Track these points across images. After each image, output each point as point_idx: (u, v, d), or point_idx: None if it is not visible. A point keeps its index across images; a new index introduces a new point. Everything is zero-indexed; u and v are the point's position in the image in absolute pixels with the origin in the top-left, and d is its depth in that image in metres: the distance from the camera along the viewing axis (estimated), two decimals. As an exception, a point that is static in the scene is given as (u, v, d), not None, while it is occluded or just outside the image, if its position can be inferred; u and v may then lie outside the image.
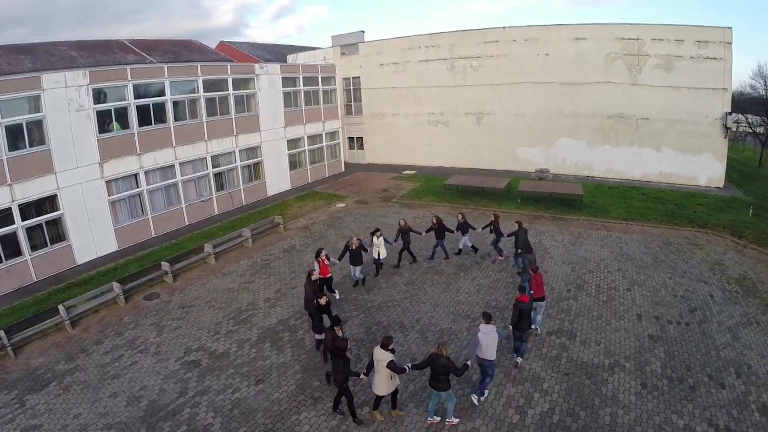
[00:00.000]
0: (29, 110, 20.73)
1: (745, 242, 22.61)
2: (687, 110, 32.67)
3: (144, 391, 12.93)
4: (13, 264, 20.31)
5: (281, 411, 12.00)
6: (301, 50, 58.89)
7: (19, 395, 13.08)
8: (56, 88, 21.46)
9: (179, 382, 13.23)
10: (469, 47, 38.39)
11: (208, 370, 13.71)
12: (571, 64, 35.20)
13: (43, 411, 12.42)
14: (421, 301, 17.15)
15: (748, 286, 18.06)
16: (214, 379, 13.29)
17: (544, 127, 37.04)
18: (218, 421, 11.75)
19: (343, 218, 27.82)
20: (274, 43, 77.13)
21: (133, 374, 13.69)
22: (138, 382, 13.31)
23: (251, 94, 31.84)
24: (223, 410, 12.11)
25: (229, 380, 13.24)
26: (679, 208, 27.69)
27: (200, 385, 13.06)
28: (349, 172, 41.79)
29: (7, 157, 19.82)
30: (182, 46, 53.31)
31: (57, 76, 21.83)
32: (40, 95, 20.90)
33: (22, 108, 20.48)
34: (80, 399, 12.80)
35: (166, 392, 12.85)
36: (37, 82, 20.88)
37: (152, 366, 14.06)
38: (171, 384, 13.18)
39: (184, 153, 27.39)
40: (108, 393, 12.93)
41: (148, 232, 25.95)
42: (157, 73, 26.32)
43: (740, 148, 62.65)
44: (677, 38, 32.01)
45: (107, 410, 12.29)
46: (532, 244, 19.73)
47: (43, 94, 20.96)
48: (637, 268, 19.65)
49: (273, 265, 21.41)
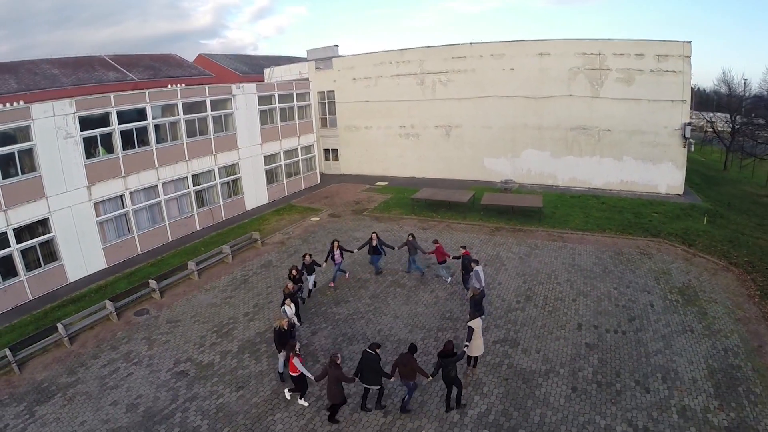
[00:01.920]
0: (20, 140, 22.55)
1: (695, 251, 24.96)
2: (647, 121, 35.37)
3: (140, 399, 15.16)
4: (10, 284, 22.25)
5: (259, 413, 14.32)
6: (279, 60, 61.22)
7: (28, 407, 15.17)
8: (45, 118, 23.24)
9: (171, 391, 15.48)
10: (437, 62, 40.94)
11: (196, 379, 15.98)
12: (536, 79, 37.87)
13: (51, 420, 14.53)
14: (383, 313, 19.55)
15: (689, 294, 20.33)
16: (201, 387, 15.57)
17: (510, 139, 39.76)
18: (205, 423, 14.03)
19: (316, 233, 30.15)
20: (251, 54, 79.06)
21: (129, 384, 15.91)
22: (134, 391, 15.54)
23: (229, 114, 33.89)
24: (210, 414, 14.38)
25: (214, 387, 15.53)
26: (636, 217, 30.29)
27: (189, 393, 15.32)
28: (324, 183, 44.14)
29: (0, 185, 21.73)
30: (162, 61, 55.45)
31: (45, 106, 23.59)
32: (30, 125, 22.69)
33: (13, 138, 22.34)
34: (84, 408, 14.97)
35: (160, 399, 15.10)
36: (27, 113, 22.68)
37: (146, 377, 16.29)
38: (163, 392, 15.43)
39: (166, 173, 29.49)
40: (108, 402, 15.13)
41: (135, 250, 28.04)
42: (139, 99, 28.16)
43: (709, 150, 65.96)
44: (638, 53, 34.63)
45: (109, 417, 14.49)
46: (490, 256, 22.48)
47: (33, 124, 22.74)
48: (586, 279, 21.98)
49: (251, 280, 23.69)
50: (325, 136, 47.61)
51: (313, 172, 43.76)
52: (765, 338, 17.02)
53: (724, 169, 53.95)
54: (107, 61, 48.68)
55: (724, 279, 21.84)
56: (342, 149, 47.67)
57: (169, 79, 46.11)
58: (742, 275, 22.16)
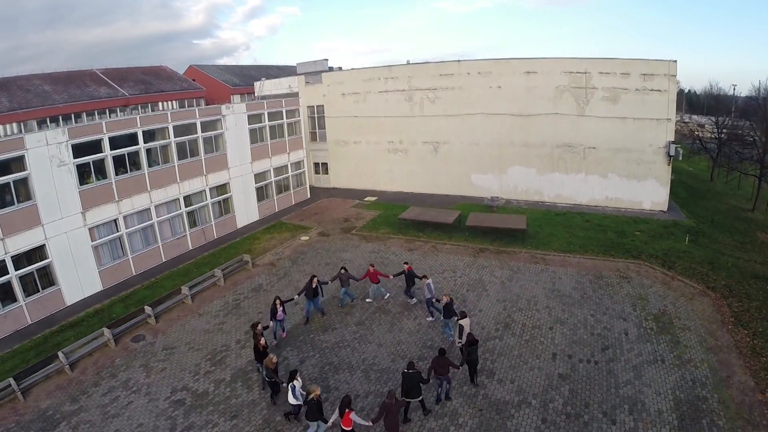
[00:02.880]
0: (15, 169, 23.85)
1: (674, 274, 26.47)
2: (632, 139, 37.12)
3: (140, 428, 16.69)
4: (10, 310, 23.77)
5: (252, 441, 15.96)
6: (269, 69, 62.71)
7: (35, 434, 16.76)
8: (38, 147, 24.58)
9: (169, 419, 17.05)
10: (425, 79, 42.67)
11: (192, 408, 17.56)
12: (523, 97, 39.62)
13: (58, 447, 16.15)
14: (368, 341, 21.14)
15: (664, 322, 21.73)
16: (197, 416, 17.14)
17: (497, 156, 41.53)
18: (202, 451, 15.67)
19: (306, 253, 31.75)
20: (242, 65, 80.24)
21: (130, 413, 17.46)
22: (135, 420, 17.09)
23: (219, 135, 35.40)
24: (206, 442, 16.02)
25: (209, 416, 17.10)
26: (618, 236, 31.98)
27: (186, 422, 16.89)
28: (314, 197, 45.85)
29: None
30: (153, 74, 56.99)
31: (39, 136, 24.87)
32: (24, 154, 24.02)
33: (7, 167, 23.58)
34: (88, 436, 16.57)
35: (159, 428, 16.64)
36: (21, 143, 23.95)
37: (145, 405, 17.85)
38: (162, 421, 16.99)
39: (158, 196, 31.03)
40: (111, 431, 16.69)
41: (129, 271, 29.59)
42: (130, 124, 29.51)
43: (697, 160, 67.92)
44: (623, 71, 36.32)
45: (112, 445, 16.11)
46: (473, 280, 24.29)
47: (27, 154, 24.08)
48: (564, 306, 23.47)
49: (243, 305, 25.28)
50: (315, 150, 49.30)
51: (303, 187, 45.41)
52: (734, 368, 18.45)
53: (710, 180, 55.85)
54: (98, 76, 50.07)
55: (701, 305, 23.30)
56: (332, 163, 49.35)
57: (161, 94, 47.77)
58: (718, 300, 23.65)
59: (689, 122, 76.47)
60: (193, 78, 62.56)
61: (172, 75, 59.40)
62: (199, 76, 62.79)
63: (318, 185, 49.87)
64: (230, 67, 73.13)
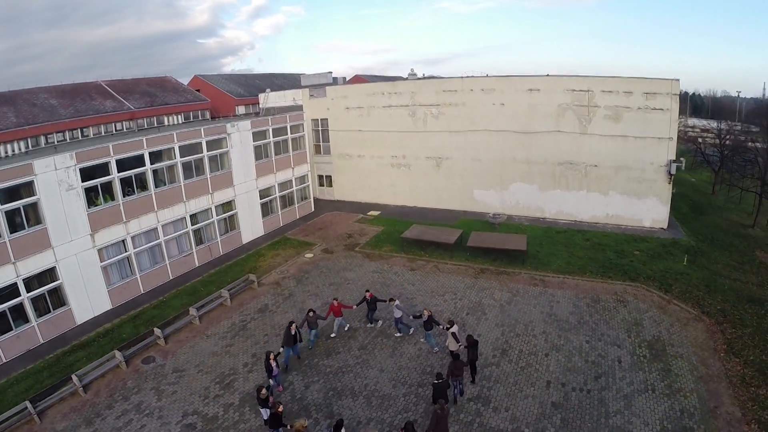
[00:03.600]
0: (25, 195, 25.04)
1: (670, 297, 27.46)
2: (633, 158, 38.09)
3: (154, 452, 17.97)
4: (22, 330, 25.04)
5: (260, 467, 17.14)
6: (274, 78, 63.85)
7: (53, 457, 18.00)
8: (47, 172, 25.71)
9: (180, 444, 18.29)
10: (429, 95, 43.81)
11: (202, 433, 18.79)
12: (525, 114, 40.66)
13: (76, 470, 17.36)
14: (370, 366, 22.28)
15: (657, 349, 22.67)
16: (208, 441, 18.38)
17: (499, 172, 42.66)
18: (213, 476, 16.84)
19: (310, 272, 32.94)
20: (246, 74, 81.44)
21: (143, 437, 18.72)
22: (148, 445, 18.35)
23: (224, 153, 36.63)
24: (216, 467, 17.21)
25: (219, 441, 18.33)
26: (617, 256, 33.01)
27: (197, 447, 18.13)
28: (318, 210, 47.17)
29: (9, 239, 24.30)
30: (158, 86, 58.43)
31: (47, 161, 25.91)
32: (33, 180, 25.17)
33: (18, 193, 24.79)
34: (104, 460, 17.79)
35: (172, 453, 17.91)
36: (30, 169, 25.03)
37: (158, 429, 19.01)
38: (174, 445, 18.24)
39: (165, 216, 32.26)
40: (126, 455, 17.94)
41: (138, 290, 30.83)
42: (137, 146, 30.59)
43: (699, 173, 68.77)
44: (626, 90, 37.24)
45: (127, 469, 17.31)
46: (473, 303, 25.71)
47: (36, 179, 25.23)
48: (561, 331, 24.47)
49: (249, 326, 26.45)
50: (319, 163, 50.57)
51: (307, 201, 46.67)
52: (722, 398, 19.42)
53: (712, 193, 56.82)
54: (104, 88, 51.40)
55: (694, 330, 24.27)
56: (335, 176, 50.60)
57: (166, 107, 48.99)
58: (712, 326, 24.62)
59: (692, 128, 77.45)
60: (198, 88, 63.88)
61: (177, 86, 60.74)
62: (204, 86, 64.07)
63: (322, 197, 51.22)
64: (234, 76, 74.48)
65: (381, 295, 26.99)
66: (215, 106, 60.80)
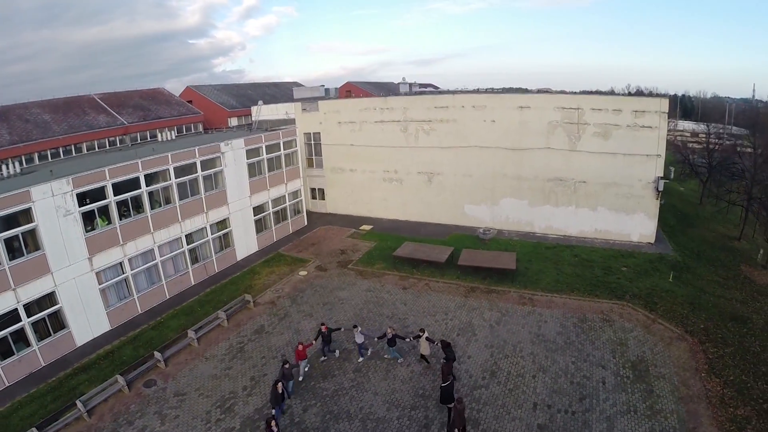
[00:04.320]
0: (23, 222, 25.87)
1: (655, 316, 28.78)
2: (622, 174, 39.54)
3: (160, 478, 19.08)
4: (24, 354, 26.00)
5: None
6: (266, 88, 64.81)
7: (61, 482, 19.08)
8: (44, 199, 26.57)
9: (185, 469, 19.42)
10: (420, 111, 45.10)
11: (205, 458, 19.92)
12: (516, 131, 42.03)
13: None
14: (365, 389, 23.45)
15: (640, 370, 23.87)
16: (210, 466, 19.52)
17: (490, 188, 44.03)
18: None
19: (305, 291, 34.10)
20: (238, 83, 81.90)
21: (148, 463, 19.84)
22: (154, 470, 19.46)
23: (218, 172, 37.68)
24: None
25: (221, 466, 19.48)
26: (605, 273, 34.38)
27: (201, 472, 19.26)
28: (311, 224, 48.44)
29: (9, 266, 25.17)
30: (150, 99, 59.47)
31: (44, 188, 26.69)
32: (31, 207, 25.98)
33: (16, 220, 25.61)
34: (111, 485, 18.89)
35: (177, 478, 19.03)
36: (27, 196, 25.78)
37: (161, 455, 20.20)
38: (179, 471, 19.36)
39: (161, 237, 33.31)
40: (133, 480, 19.05)
41: (135, 310, 31.86)
42: (132, 169, 31.43)
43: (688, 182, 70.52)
44: (615, 108, 38.69)
45: (134, 495, 18.42)
46: (463, 323, 27.33)
47: (34, 206, 26.05)
48: (547, 352, 25.71)
49: (246, 348, 27.56)
50: (312, 176, 51.77)
51: (301, 215, 47.89)
52: (701, 419, 20.63)
53: (699, 203, 58.41)
54: (97, 102, 52.31)
55: (677, 350, 25.57)
56: (328, 189, 51.83)
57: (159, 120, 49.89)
58: (695, 345, 25.95)
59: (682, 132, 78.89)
60: (190, 99, 64.83)
61: (169, 99, 61.72)
62: (196, 97, 65.00)
63: (315, 210, 52.43)
64: (227, 86, 75.38)
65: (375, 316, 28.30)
66: (208, 118, 61.86)
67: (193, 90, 67.24)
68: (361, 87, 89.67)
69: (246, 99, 66.63)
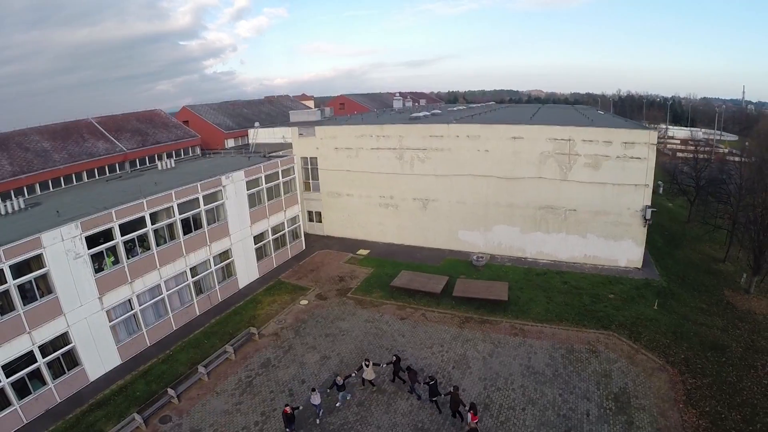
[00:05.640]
0: (35, 267, 27.52)
1: (639, 346, 31.16)
2: (611, 203, 42.09)
3: None
4: (40, 393, 27.97)
5: None
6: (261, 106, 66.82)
7: None
8: (55, 244, 28.27)
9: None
10: (416, 140, 47.54)
11: (223, 495, 22.12)
12: (509, 161, 44.52)
13: None
14: (368, 423, 25.69)
15: (623, 402, 26.08)
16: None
17: (483, 215, 46.51)
18: None
19: (306, 321, 36.32)
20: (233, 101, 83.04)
21: (170, 501, 22.03)
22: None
23: (220, 204, 39.79)
24: None
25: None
26: (592, 301, 36.84)
27: None
28: (309, 246, 51.04)
29: (23, 311, 26.97)
30: (148, 122, 61.75)
31: (54, 233, 28.23)
32: (42, 253, 27.69)
33: (28, 267, 27.26)
34: None
35: None
36: (38, 243, 27.20)
37: (182, 492, 22.40)
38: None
39: (167, 272, 35.41)
40: None
41: (144, 344, 33.95)
42: (138, 209, 33.25)
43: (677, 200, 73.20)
44: (606, 140, 41.17)
45: None
46: (458, 356, 29.63)
47: (45, 252, 27.75)
48: (537, 384, 27.96)
49: (255, 383, 29.69)
50: (309, 199, 54.12)
51: (299, 240, 50.24)
52: None
53: (687, 221, 61.03)
54: (95, 127, 54.36)
55: (658, 381, 27.89)
56: (325, 212, 54.20)
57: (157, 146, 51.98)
58: (675, 376, 28.31)
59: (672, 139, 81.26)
60: (186, 119, 66.84)
61: (166, 121, 63.76)
62: (192, 118, 66.96)
63: (312, 232, 54.84)
64: (222, 105, 77.39)
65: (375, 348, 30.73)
66: (205, 140, 63.91)
67: (189, 110, 69.21)
68: (354, 100, 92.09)
69: (242, 118, 68.78)
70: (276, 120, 74.31)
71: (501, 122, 47.59)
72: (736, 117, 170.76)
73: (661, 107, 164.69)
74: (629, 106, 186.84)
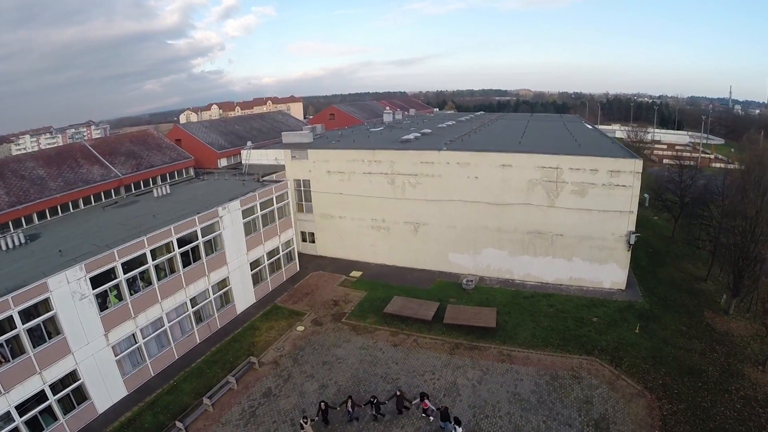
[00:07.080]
0: (42, 311, 29.31)
1: (620, 372, 33.53)
2: (596, 229, 44.54)
3: None
4: (53, 429, 29.88)
5: None
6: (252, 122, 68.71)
7: None
8: (60, 287, 29.65)
9: None
10: (407, 165, 49.84)
11: None
12: (497, 187, 46.90)
13: None
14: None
15: (602, 428, 28.27)
16: None
17: (472, 239, 48.94)
18: None
19: (304, 349, 38.45)
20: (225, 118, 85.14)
21: None
22: None
23: (217, 235, 41.81)
24: None
25: None
26: (577, 325, 39.26)
27: None
28: (303, 267, 53.52)
29: (33, 353, 28.80)
30: (141, 143, 63.70)
31: (59, 277, 29.67)
32: (49, 296, 29.13)
33: (36, 311, 29.00)
34: None
35: None
36: (45, 288, 28.77)
37: None
38: None
39: (168, 305, 37.44)
40: None
41: (148, 374, 36.00)
42: (139, 247, 35.01)
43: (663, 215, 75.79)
44: (592, 168, 43.49)
45: None
46: (449, 383, 32.09)
47: (51, 295, 29.42)
48: (522, 411, 30.23)
49: (258, 413, 31.75)
50: (302, 220, 56.31)
51: (293, 262, 52.53)
52: None
53: (671, 236, 63.57)
54: (89, 150, 56.18)
55: (636, 407, 30.22)
56: (318, 233, 56.53)
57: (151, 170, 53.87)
58: (652, 402, 30.66)
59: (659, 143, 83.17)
60: (179, 138, 68.53)
61: (160, 142, 65.57)
62: (184, 136, 68.69)
63: (305, 252, 57.07)
64: (214, 123, 79.16)
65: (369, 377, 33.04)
66: (198, 159, 65.70)
67: (180, 128, 71.02)
68: (344, 111, 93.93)
69: (234, 136, 70.61)
70: (268, 135, 76.21)
71: (490, 148, 49.63)
72: (723, 119, 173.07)
73: (649, 107, 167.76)
74: (617, 108, 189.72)
